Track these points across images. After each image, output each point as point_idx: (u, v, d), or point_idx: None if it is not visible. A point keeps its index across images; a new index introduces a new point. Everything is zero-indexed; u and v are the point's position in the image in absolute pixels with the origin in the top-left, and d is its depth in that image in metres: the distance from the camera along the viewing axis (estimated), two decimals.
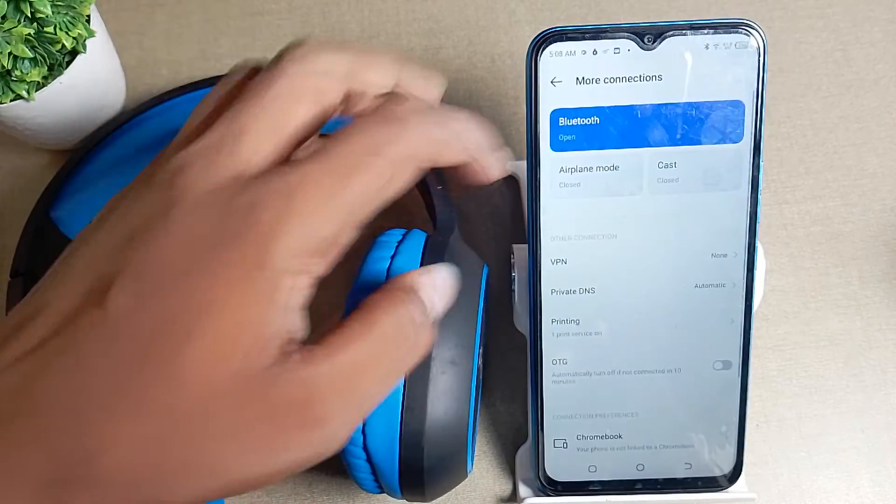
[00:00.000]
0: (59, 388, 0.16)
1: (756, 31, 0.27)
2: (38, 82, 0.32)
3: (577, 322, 0.29)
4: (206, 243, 0.17)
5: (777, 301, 0.35)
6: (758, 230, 0.28)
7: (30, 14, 0.30)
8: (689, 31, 0.27)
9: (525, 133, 0.28)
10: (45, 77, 0.32)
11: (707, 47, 0.27)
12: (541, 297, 0.29)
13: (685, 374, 0.29)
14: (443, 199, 0.31)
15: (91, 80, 0.34)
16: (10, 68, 0.30)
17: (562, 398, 0.30)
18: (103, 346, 0.17)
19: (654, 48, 0.27)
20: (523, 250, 0.30)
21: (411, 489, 0.25)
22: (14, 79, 0.31)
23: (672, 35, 0.27)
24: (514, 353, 0.34)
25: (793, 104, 0.39)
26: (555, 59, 0.27)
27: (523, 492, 0.31)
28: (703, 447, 0.30)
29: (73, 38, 0.31)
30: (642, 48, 0.27)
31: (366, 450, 0.24)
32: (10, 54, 0.30)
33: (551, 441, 0.30)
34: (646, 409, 0.29)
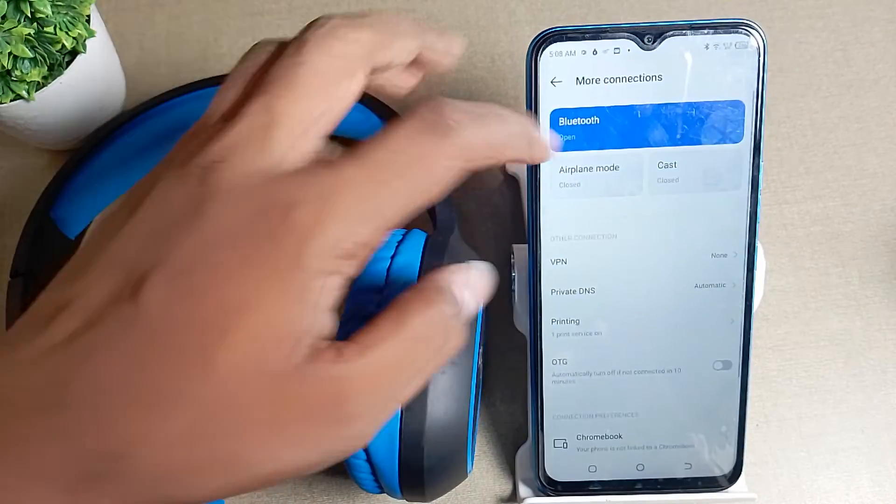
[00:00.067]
0: (92, 382, 0.17)
1: (756, 31, 0.27)
2: (38, 82, 0.32)
3: (577, 322, 0.29)
4: (241, 242, 0.17)
5: (777, 301, 0.35)
6: (758, 230, 0.28)
7: (30, 14, 0.30)
8: (689, 31, 0.27)
9: None
10: (45, 77, 0.32)
11: (707, 47, 0.27)
12: (541, 297, 0.29)
13: (685, 374, 0.29)
14: (443, 199, 0.31)
15: (91, 80, 0.34)
16: (10, 68, 0.30)
17: (562, 398, 0.30)
18: (136, 341, 0.17)
19: (654, 48, 0.27)
20: (523, 250, 0.30)
21: (411, 489, 0.25)
22: (14, 79, 0.31)
23: (672, 35, 0.27)
24: (514, 353, 0.34)
25: (793, 104, 0.39)
26: (555, 59, 0.27)
27: (523, 492, 0.31)
28: (703, 447, 0.30)
29: (73, 38, 0.31)
30: (642, 48, 0.27)
31: (366, 450, 0.25)
32: (10, 54, 0.30)
33: (551, 441, 0.30)
34: (646, 409, 0.29)
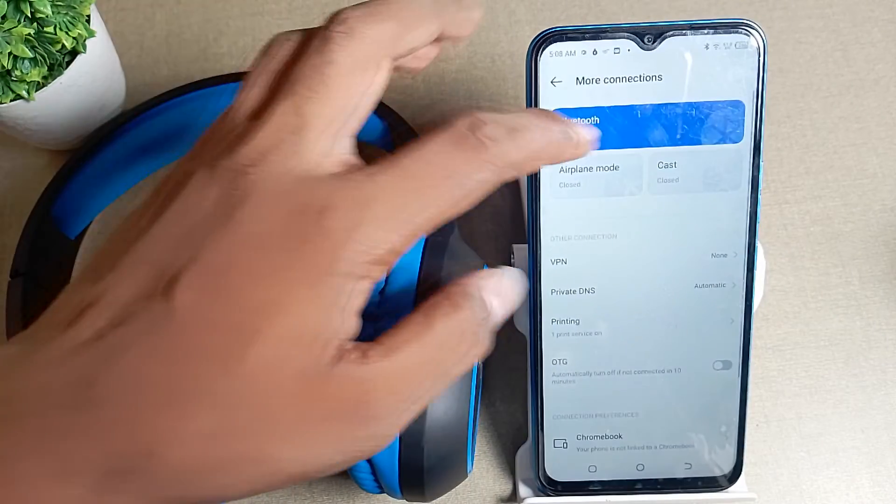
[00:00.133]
0: (121, 380, 0.17)
1: (756, 31, 0.27)
2: (38, 82, 0.32)
3: (577, 322, 0.29)
4: (275, 244, 0.17)
5: (777, 301, 0.35)
6: (758, 230, 0.28)
7: (30, 14, 0.30)
8: (689, 31, 0.26)
9: None
10: (45, 77, 0.32)
11: (707, 47, 0.27)
12: (541, 297, 0.29)
13: (685, 374, 0.29)
14: None
15: (91, 80, 0.34)
16: (10, 68, 0.30)
17: (562, 398, 0.30)
18: (167, 340, 0.17)
19: (654, 48, 0.27)
20: (523, 250, 0.30)
21: (411, 489, 0.25)
22: (14, 79, 0.31)
23: (672, 35, 0.27)
24: (514, 353, 0.34)
25: (793, 104, 0.39)
26: (555, 59, 0.27)
27: (523, 492, 0.31)
28: (703, 447, 0.30)
29: (73, 38, 0.31)
30: (642, 48, 0.27)
31: None
32: (10, 54, 0.30)
33: (551, 441, 0.30)
34: (646, 409, 0.29)
